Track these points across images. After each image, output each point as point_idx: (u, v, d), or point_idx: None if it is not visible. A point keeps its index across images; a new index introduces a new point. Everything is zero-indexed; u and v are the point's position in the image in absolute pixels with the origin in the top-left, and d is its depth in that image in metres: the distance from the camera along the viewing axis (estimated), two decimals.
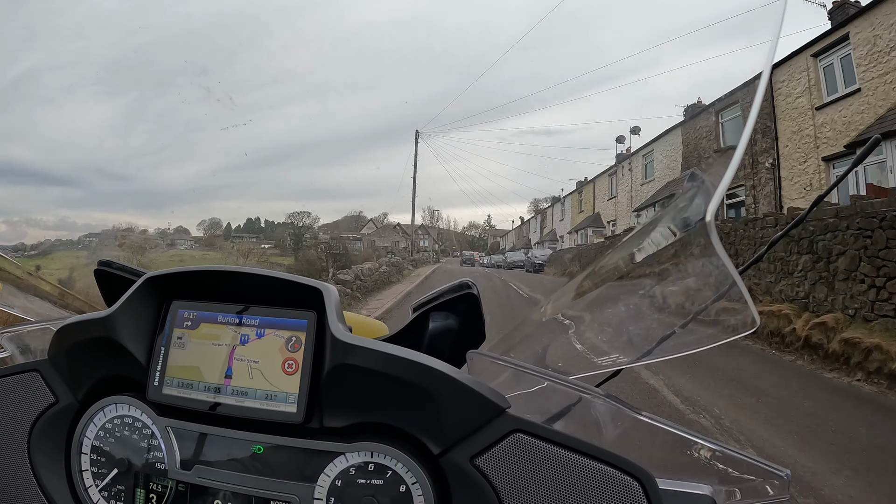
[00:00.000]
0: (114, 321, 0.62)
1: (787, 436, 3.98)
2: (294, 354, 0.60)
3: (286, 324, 0.61)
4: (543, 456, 0.54)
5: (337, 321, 0.58)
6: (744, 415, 4.45)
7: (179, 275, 0.64)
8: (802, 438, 3.92)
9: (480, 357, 0.66)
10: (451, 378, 0.55)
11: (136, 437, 0.63)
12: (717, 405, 4.67)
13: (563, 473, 0.53)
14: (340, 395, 0.58)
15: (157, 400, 0.62)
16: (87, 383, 0.65)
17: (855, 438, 3.94)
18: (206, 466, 0.60)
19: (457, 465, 0.56)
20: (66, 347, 0.64)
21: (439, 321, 0.72)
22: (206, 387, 0.61)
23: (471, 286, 0.71)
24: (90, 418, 0.64)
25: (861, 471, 3.34)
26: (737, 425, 4.18)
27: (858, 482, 3.18)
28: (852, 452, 3.64)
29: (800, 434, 4.01)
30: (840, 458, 3.54)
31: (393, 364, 0.55)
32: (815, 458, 3.54)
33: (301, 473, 0.58)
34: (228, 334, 0.62)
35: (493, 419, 0.56)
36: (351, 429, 0.59)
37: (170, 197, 65.40)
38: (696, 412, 4.50)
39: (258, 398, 0.59)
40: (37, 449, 0.64)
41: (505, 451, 0.55)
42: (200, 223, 52.04)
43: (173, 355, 0.62)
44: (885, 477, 3.26)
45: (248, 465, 0.59)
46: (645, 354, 0.57)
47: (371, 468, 0.57)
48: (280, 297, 0.62)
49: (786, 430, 4.12)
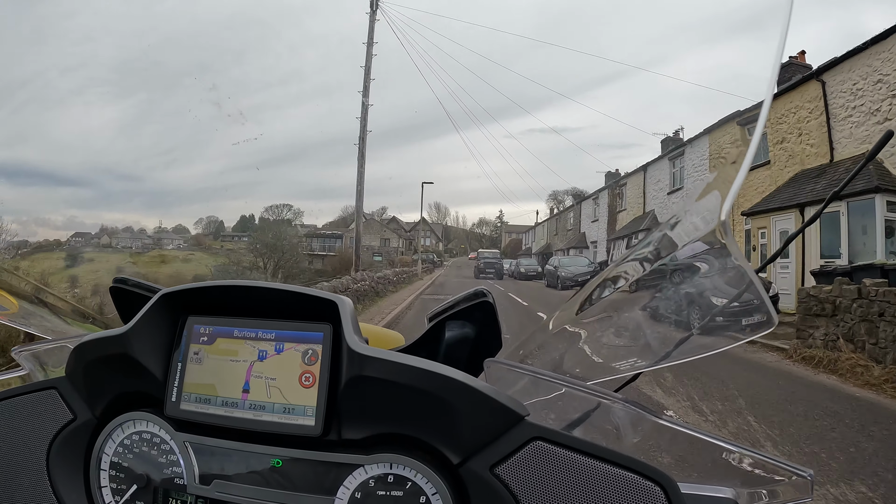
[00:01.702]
0: (130, 338, 0.62)
1: None
2: (311, 367, 0.59)
3: (302, 337, 0.61)
4: (564, 463, 0.54)
5: (353, 333, 0.58)
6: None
7: (194, 290, 0.65)
8: None
9: (498, 365, 0.65)
10: (469, 387, 0.55)
11: (155, 452, 0.63)
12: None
13: (584, 480, 0.53)
14: (358, 407, 0.58)
15: (175, 415, 0.62)
16: (104, 400, 0.65)
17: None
18: (225, 481, 0.60)
19: (477, 475, 0.55)
20: (83, 365, 0.64)
21: (455, 330, 0.72)
22: (223, 401, 0.61)
23: (486, 294, 0.71)
24: (108, 435, 0.64)
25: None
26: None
27: None
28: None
29: None
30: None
31: (410, 374, 0.55)
32: None
33: (320, 486, 0.58)
34: (245, 349, 0.62)
35: (512, 427, 0.55)
36: (369, 440, 0.59)
37: (179, 196, 66.05)
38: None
39: (276, 412, 0.59)
40: (56, 466, 0.64)
41: (525, 460, 0.54)
42: (198, 221, 52.30)
43: (190, 371, 0.63)
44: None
45: (267, 478, 0.59)
46: (663, 358, 0.57)
47: (390, 479, 0.56)
48: (295, 311, 0.62)
49: None
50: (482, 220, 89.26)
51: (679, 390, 5.11)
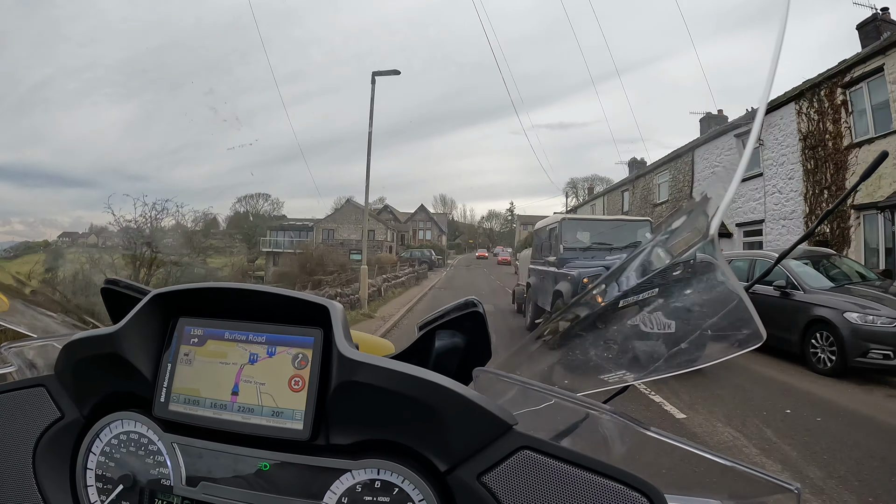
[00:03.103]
0: (120, 337, 0.62)
1: None
2: (300, 371, 0.60)
3: (293, 341, 0.61)
4: (551, 473, 0.54)
5: (344, 338, 0.58)
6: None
7: (186, 292, 0.65)
8: None
9: (487, 374, 0.65)
10: (458, 395, 0.55)
11: (142, 453, 0.62)
12: None
13: (570, 490, 0.53)
14: (347, 413, 0.58)
15: (164, 416, 0.62)
16: (92, 399, 0.65)
17: None
18: (211, 483, 0.60)
19: (464, 483, 0.55)
20: (72, 363, 0.64)
21: (445, 339, 0.72)
22: (212, 403, 0.61)
23: (476, 304, 0.71)
24: (96, 434, 0.64)
25: None
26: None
27: None
28: None
29: None
30: None
31: (399, 381, 0.55)
32: None
33: (307, 491, 0.58)
34: (235, 352, 0.62)
35: (500, 436, 0.56)
36: (357, 446, 0.59)
37: (187, 196, 65.62)
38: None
39: (264, 415, 0.59)
40: (42, 464, 0.64)
41: (512, 469, 0.54)
42: (195, 219, 51.70)
43: (180, 372, 0.63)
44: None
45: (253, 481, 0.59)
46: (652, 371, 0.57)
47: (378, 485, 0.56)
48: (287, 314, 0.62)
49: None
50: (492, 213, 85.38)
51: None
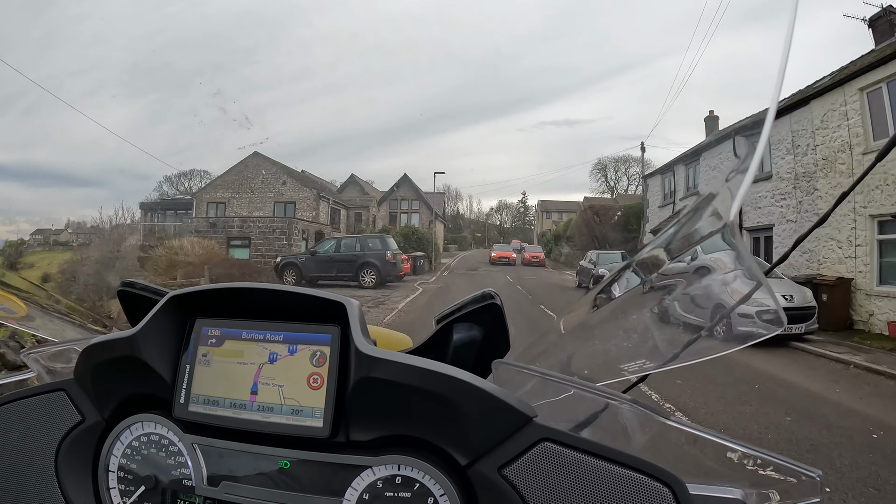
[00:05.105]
0: (138, 340, 0.62)
1: None
2: (319, 369, 0.60)
3: (310, 339, 0.61)
4: (572, 464, 0.54)
5: (361, 335, 0.58)
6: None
7: (202, 293, 0.65)
8: None
9: (506, 366, 0.65)
10: (477, 388, 0.55)
11: (163, 454, 0.63)
12: None
13: (592, 481, 0.53)
14: (366, 409, 0.58)
15: (184, 417, 0.62)
16: (112, 402, 0.66)
17: None
18: (233, 482, 0.60)
19: (485, 476, 0.55)
20: (91, 367, 0.65)
21: (463, 332, 0.72)
22: (231, 403, 0.61)
23: (493, 296, 0.70)
24: (117, 436, 0.65)
25: None
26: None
27: None
28: None
29: None
30: None
31: (418, 376, 0.55)
32: None
33: (328, 488, 0.58)
34: (253, 351, 0.62)
35: (520, 428, 0.55)
36: (377, 442, 0.59)
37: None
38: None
39: (284, 413, 0.59)
40: (64, 467, 0.65)
41: (533, 461, 0.54)
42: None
43: (198, 373, 0.63)
44: None
45: (275, 480, 0.59)
46: (672, 359, 0.57)
47: (398, 481, 0.56)
48: (303, 312, 0.62)
49: None
50: (502, 204, 75.57)
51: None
